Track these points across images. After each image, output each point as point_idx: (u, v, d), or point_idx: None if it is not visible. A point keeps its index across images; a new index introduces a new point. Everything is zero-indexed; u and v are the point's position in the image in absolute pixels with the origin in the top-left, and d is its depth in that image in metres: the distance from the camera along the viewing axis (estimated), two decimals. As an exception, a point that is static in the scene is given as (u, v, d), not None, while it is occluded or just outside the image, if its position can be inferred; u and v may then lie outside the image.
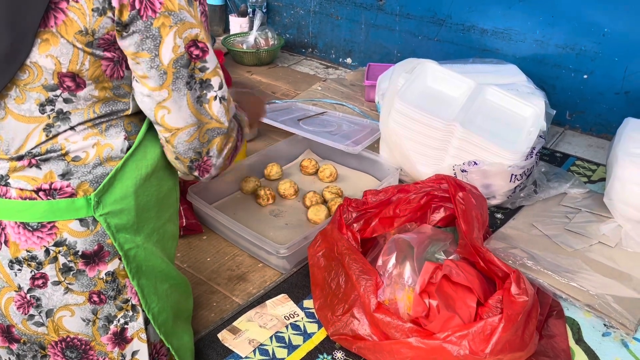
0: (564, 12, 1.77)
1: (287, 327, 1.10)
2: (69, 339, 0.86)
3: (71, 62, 0.74)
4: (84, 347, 0.87)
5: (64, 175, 0.80)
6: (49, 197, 0.80)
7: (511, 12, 1.87)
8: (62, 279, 0.83)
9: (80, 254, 0.82)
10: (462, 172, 1.38)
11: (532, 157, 1.38)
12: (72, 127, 0.79)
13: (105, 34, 0.74)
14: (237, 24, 2.50)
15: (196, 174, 0.89)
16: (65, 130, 0.79)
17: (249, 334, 1.08)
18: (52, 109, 0.78)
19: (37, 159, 0.79)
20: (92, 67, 0.76)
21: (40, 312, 0.84)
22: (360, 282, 1.00)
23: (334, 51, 2.41)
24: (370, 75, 2.06)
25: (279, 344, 1.07)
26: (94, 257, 0.83)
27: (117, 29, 0.74)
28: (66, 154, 0.80)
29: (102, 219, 0.82)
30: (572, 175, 1.53)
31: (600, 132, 1.84)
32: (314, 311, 1.13)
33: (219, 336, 1.08)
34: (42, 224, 0.80)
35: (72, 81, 0.76)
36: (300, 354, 1.05)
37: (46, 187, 0.80)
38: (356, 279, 1.01)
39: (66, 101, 0.77)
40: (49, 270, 0.82)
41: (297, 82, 2.21)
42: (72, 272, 0.83)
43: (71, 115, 0.79)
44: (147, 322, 0.90)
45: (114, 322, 0.88)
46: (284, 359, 1.04)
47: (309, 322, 1.12)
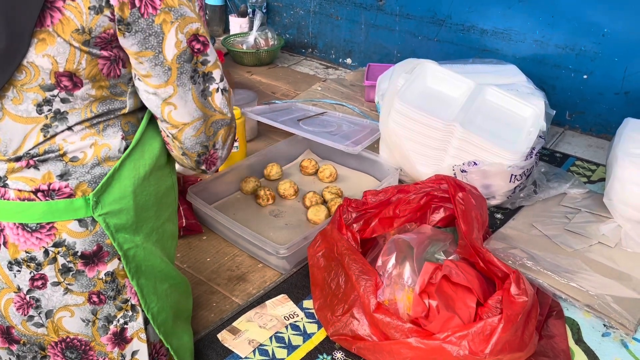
0: (564, 12, 1.77)
1: (286, 327, 1.10)
2: (68, 340, 0.86)
3: (68, 62, 0.74)
4: (83, 347, 0.87)
5: (62, 175, 0.80)
6: (47, 197, 0.80)
7: (511, 12, 1.87)
8: (62, 280, 0.83)
9: (79, 254, 0.82)
10: (462, 172, 1.38)
11: (531, 157, 1.38)
12: (69, 127, 0.79)
13: (102, 33, 0.74)
14: (237, 24, 2.50)
15: (203, 167, 0.90)
16: (63, 130, 0.79)
17: (248, 334, 1.08)
18: (49, 109, 0.77)
19: (35, 159, 0.79)
20: (89, 66, 0.76)
21: (39, 313, 0.84)
22: (360, 282, 1.00)
23: (333, 51, 2.41)
24: (370, 75, 2.06)
25: (279, 344, 1.07)
26: (93, 258, 0.83)
27: (119, 27, 0.74)
28: (64, 154, 0.80)
29: (101, 219, 0.82)
30: (572, 175, 1.53)
31: (600, 132, 1.84)
32: (313, 311, 1.12)
33: (219, 336, 1.08)
34: (41, 224, 0.80)
35: (69, 80, 0.76)
36: (300, 354, 1.05)
37: (44, 187, 0.80)
38: (356, 279, 1.01)
39: (63, 101, 0.77)
40: (49, 271, 0.82)
41: (297, 82, 2.21)
42: (71, 273, 0.83)
43: (69, 115, 0.79)
44: (146, 322, 0.90)
45: (114, 322, 0.88)
46: (283, 359, 1.04)
47: (308, 322, 1.12)
